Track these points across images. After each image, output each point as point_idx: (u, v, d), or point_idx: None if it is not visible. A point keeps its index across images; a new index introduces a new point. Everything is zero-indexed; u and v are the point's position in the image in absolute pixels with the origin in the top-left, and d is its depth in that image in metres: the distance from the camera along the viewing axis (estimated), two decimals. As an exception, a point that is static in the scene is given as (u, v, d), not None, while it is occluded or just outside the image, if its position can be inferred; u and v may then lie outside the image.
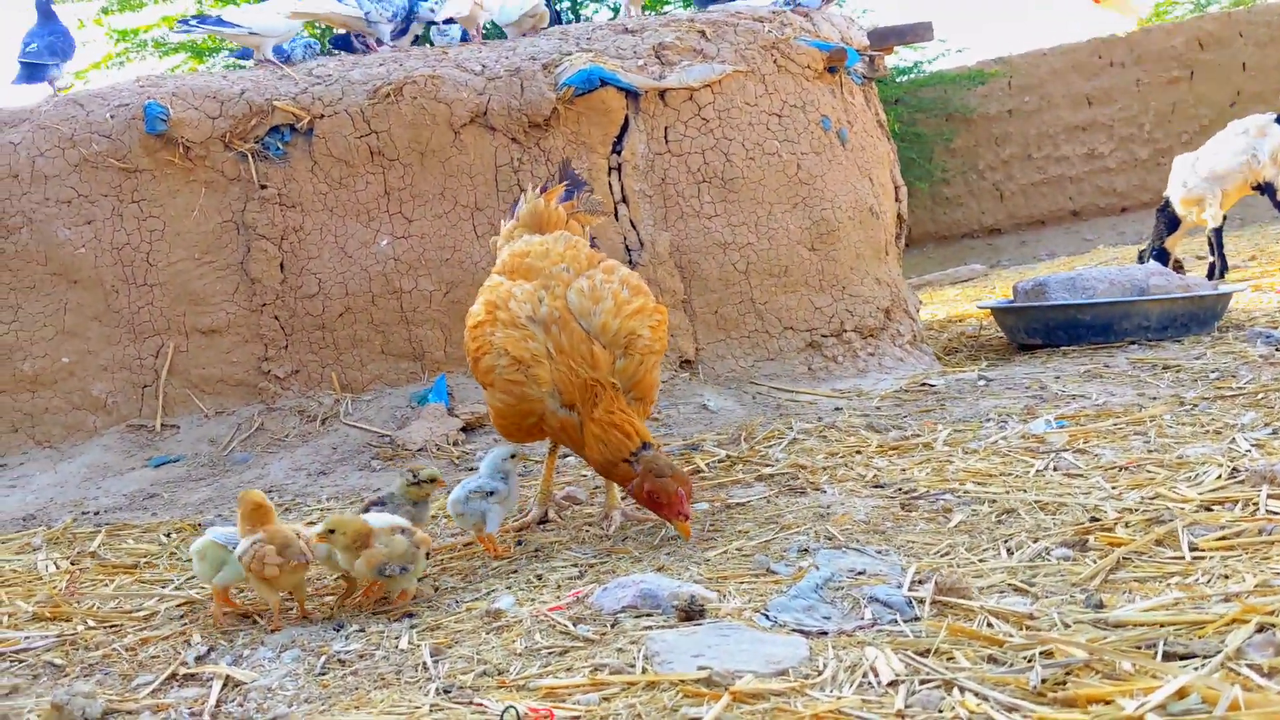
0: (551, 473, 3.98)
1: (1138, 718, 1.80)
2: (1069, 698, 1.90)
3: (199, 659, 2.78)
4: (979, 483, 3.64)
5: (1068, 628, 2.26)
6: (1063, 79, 17.93)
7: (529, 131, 5.90)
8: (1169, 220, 9.68)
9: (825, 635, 2.38)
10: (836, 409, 5.38)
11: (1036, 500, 3.32)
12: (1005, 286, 10.88)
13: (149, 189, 5.75)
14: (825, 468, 4.16)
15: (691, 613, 2.52)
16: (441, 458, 5.11)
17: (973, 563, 2.81)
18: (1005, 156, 18.35)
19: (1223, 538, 2.74)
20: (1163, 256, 9.57)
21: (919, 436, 4.54)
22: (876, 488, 3.77)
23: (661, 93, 6.05)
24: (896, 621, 2.42)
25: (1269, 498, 2.99)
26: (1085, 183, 17.96)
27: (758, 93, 6.21)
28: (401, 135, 5.80)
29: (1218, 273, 9.34)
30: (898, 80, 17.67)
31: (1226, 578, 2.46)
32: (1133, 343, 6.48)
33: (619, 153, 6.01)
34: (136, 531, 4.40)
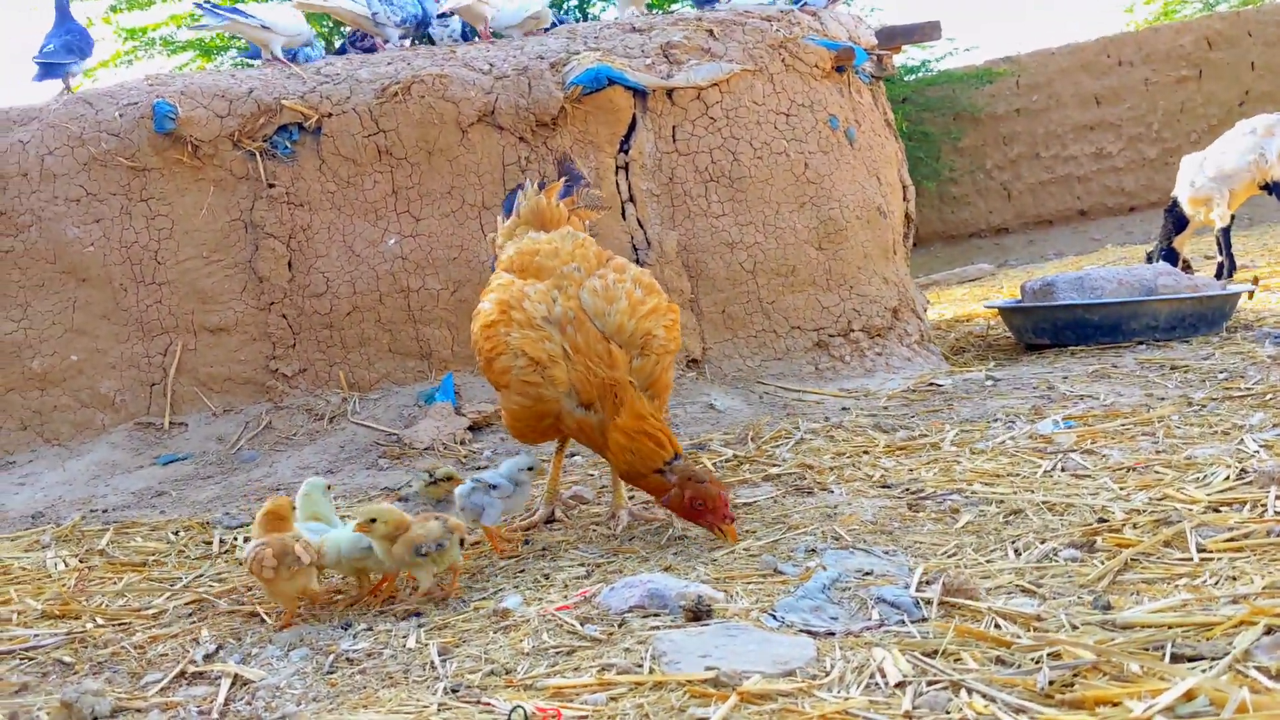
0: (559, 472, 3.98)
1: (1145, 719, 1.80)
2: (1077, 699, 1.90)
3: (207, 657, 2.79)
4: (986, 483, 3.64)
5: (1075, 629, 2.26)
6: (1071, 78, 17.90)
7: (536, 130, 5.91)
8: (1177, 220, 9.66)
9: (832, 636, 2.38)
10: (844, 409, 5.38)
11: (1044, 501, 3.31)
12: (1013, 286, 10.86)
13: (157, 187, 5.76)
14: (832, 468, 4.16)
15: (699, 613, 2.52)
16: (449, 456, 5.11)
17: (980, 563, 2.81)
18: (1013, 156, 18.32)
19: (1231, 539, 2.73)
20: (1171, 256, 9.56)
21: (926, 437, 4.54)
22: (884, 488, 3.77)
23: (669, 92, 6.05)
24: (904, 622, 2.42)
25: (1277, 499, 2.98)
26: (1093, 182, 17.93)
27: (765, 92, 6.21)
28: (409, 134, 5.81)
29: (1226, 272, 9.32)
30: (905, 79, 17.68)
31: (1235, 579, 2.46)
32: (1141, 343, 6.47)
33: (626, 152, 6.01)
34: (145, 529, 4.41)
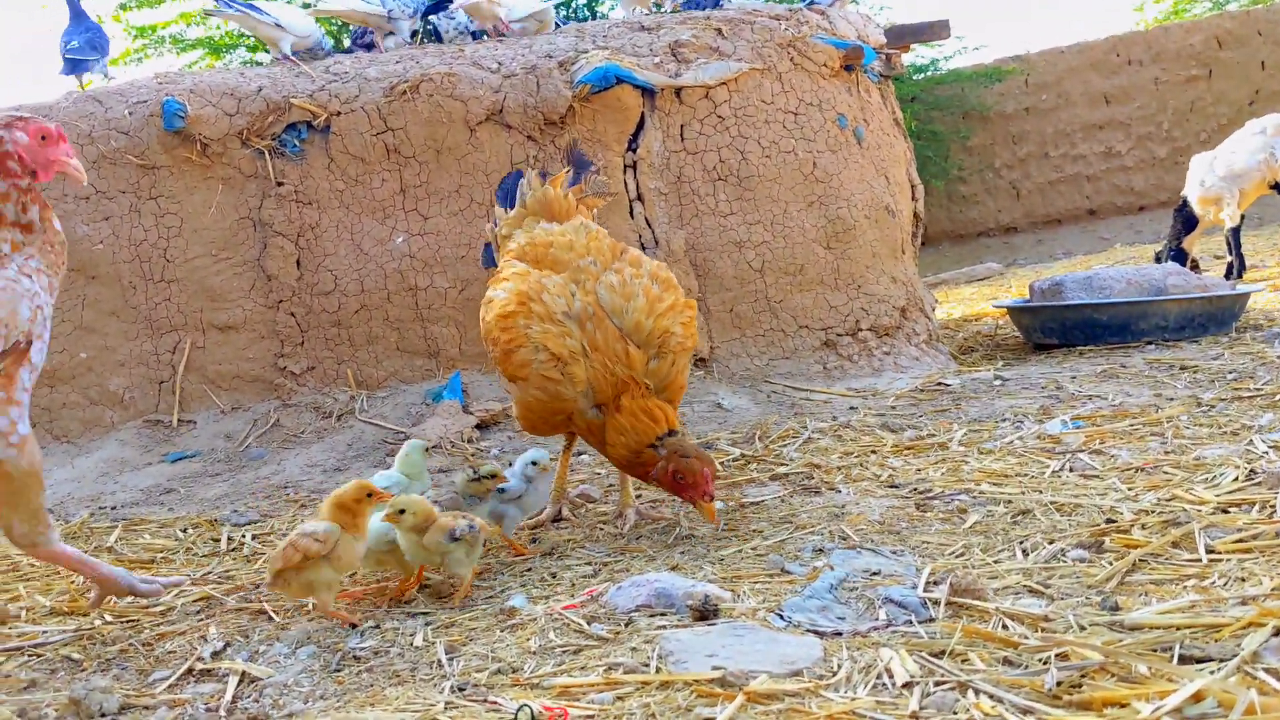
0: (566, 470, 3.98)
1: (1153, 721, 1.79)
2: (1084, 700, 1.90)
3: (215, 654, 2.79)
4: (994, 483, 3.63)
5: (1083, 630, 2.25)
6: (1080, 77, 17.85)
7: (545, 129, 5.91)
8: (1186, 220, 9.63)
9: (840, 636, 2.38)
10: (851, 408, 5.37)
11: (1052, 501, 3.31)
12: (1021, 285, 10.85)
13: (166, 185, 5.77)
14: (840, 467, 4.16)
15: (706, 612, 2.52)
16: (456, 455, 5.12)
17: (988, 564, 2.81)
18: (1022, 155, 18.28)
19: (1240, 540, 2.72)
20: (1180, 256, 9.53)
21: (934, 436, 4.53)
22: (891, 488, 3.76)
23: (677, 90, 6.05)
24: (911, 622, 2.42)
25: (1287, 500, 2.98)
26: (1102, 181, 17.88)
27: (774, 91, 6.20)
28: (418, 133, 5.81)
29: (1236, 272, 9.29)
30: (914, 78, 17.63)
31: (1243, 580, 2.45)
32: (1150, 343, 6.46)
33: (634, 150, 6.00)
34: (153, 526, 4.42)
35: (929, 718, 1.93)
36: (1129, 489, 3.36)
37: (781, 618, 2.51)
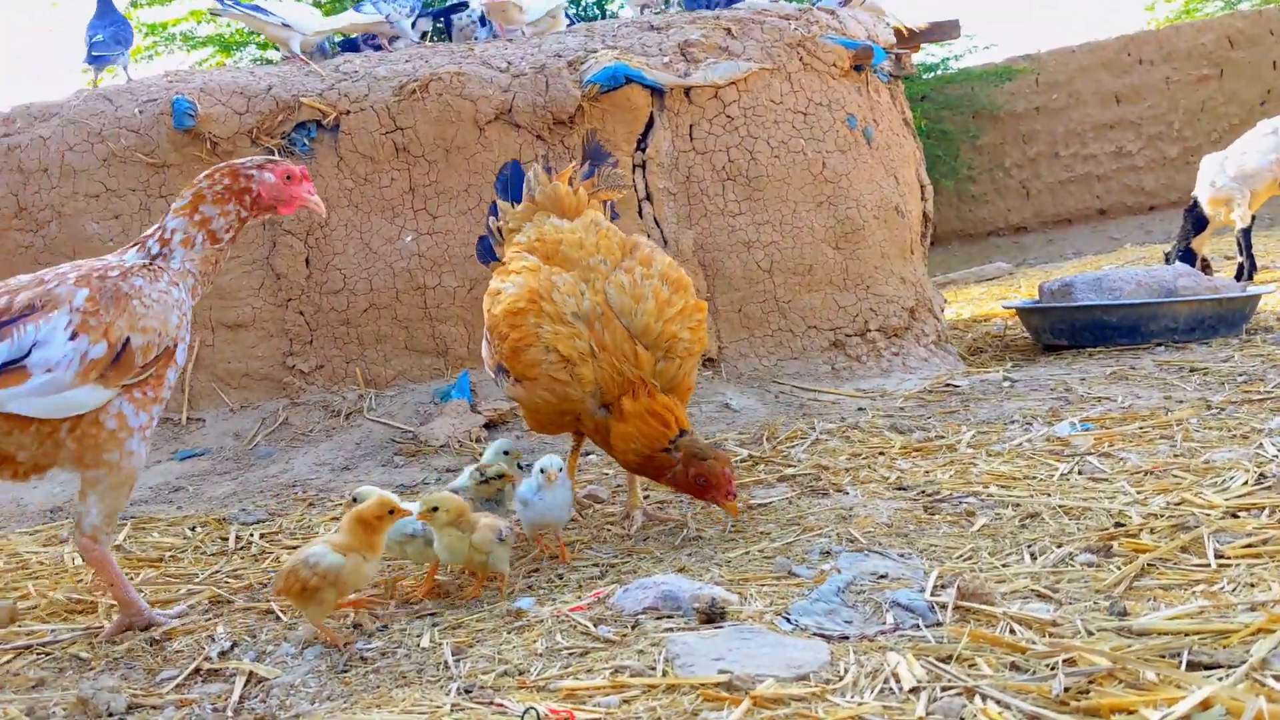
0: (574, 471, 3.98)
1: (1161, 728, 1.79)
2: (1092, 707, 1.89)
3: (222, 654, 2.80)
4: (1003, 486, 3.62)
5: (1091, 635, 2.24)
6: (1091, 76, 17.80)
7: (553, 129, 5.90)
8: (1197, 220, 9.60)
9: (846, 640, 2.37)
10: (860, 409, 5.36)
11: (1060, 504, 3.30)
12: (1031, 285, 10.82)
13: (176, 184, 5.78)
14: (848, 469, 4.15)
15: (712, 615, 2.52)
16: (464, 454, 5.12)
17: (996, 567, 2.80)
18: (1032, 154, 18.24)
19: (1249, 545, 2.71)
20: (1189, 257, 9.50)
21: (943, 438, 4.52)
22: (899, 490, 3.75)
23: (686, 90, 6.04)
24: (918, 626, 2.41)
25: (1297, 505, 2.96)
26: (1113, 181, 17.84)
27: (783, 90, 6.19)
28: (427, 132, 5.82)
29: (1246, 273, 9.26)
30: (924, 77, 17.61)
31: (1253, 586, 2.44)
32: (1159, 344, 6.44)
33: (644, 150, 6.00)
34: (162, 525, 4.43)
35: (936, 723, 1.93)
36: (1138, 492, 3.35)
37: (788, 621, 2.51)
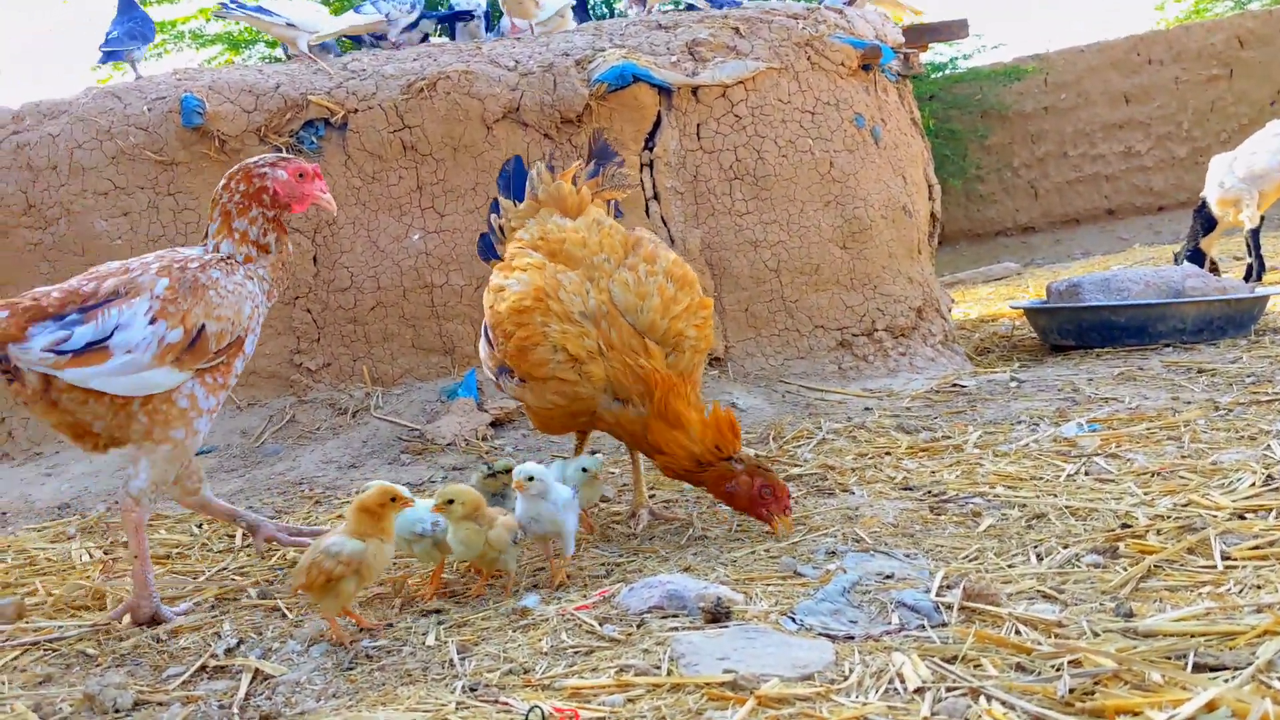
0: (579, 470, 3.97)
1: (1166, 730, 1.78)
2: (1097, 708, 1.89)
3: (229, 651, 2.81)
4: (1009, 486, 3.62)
5: (1097, 636, 2.24)
6: (1100, 76, 17.75)
7: (561, 127, 5.91)
8: (1205, 221, 9.56)
9: (852, 640, 2.37)
10: (866, 409, 5.36)
11: (1067, 505, 3.29)
12: (1039, 285, 10.79)
13: (184, 181, 5.80)
14: (854, 469, 4.15)
15: (717, 614, 2.52)
16: (470, 453, 5.13)
17: (1002, 568, 2.80)
18: (1040, 154, 18.18)
19: (1256, 547, 2.70)
20: (1198, 257, 9.46)
21: (949, 438, 4.52)
22: (906, 490, 3.75)
23: (694, 89, 6.04)
24: (924, 627, 2.41)
25: (1304, 507, 2.96)
26: (1121, 181, 17.77)
27: (791, 90, 6.19)
28: (434, 130, 5.82)
29: (1255, 274, 9.22)
30: (932, 76, 17.56)
31: (1259, 588, 2.43)
32: (1167, 345, 6.42)
33: (651, 149, 6.00)
34: (169, 522, 4.44)
35: (940, 724, 1.93)
36: (1145, 493, 3.35)
37: (793, 621, 2.51)
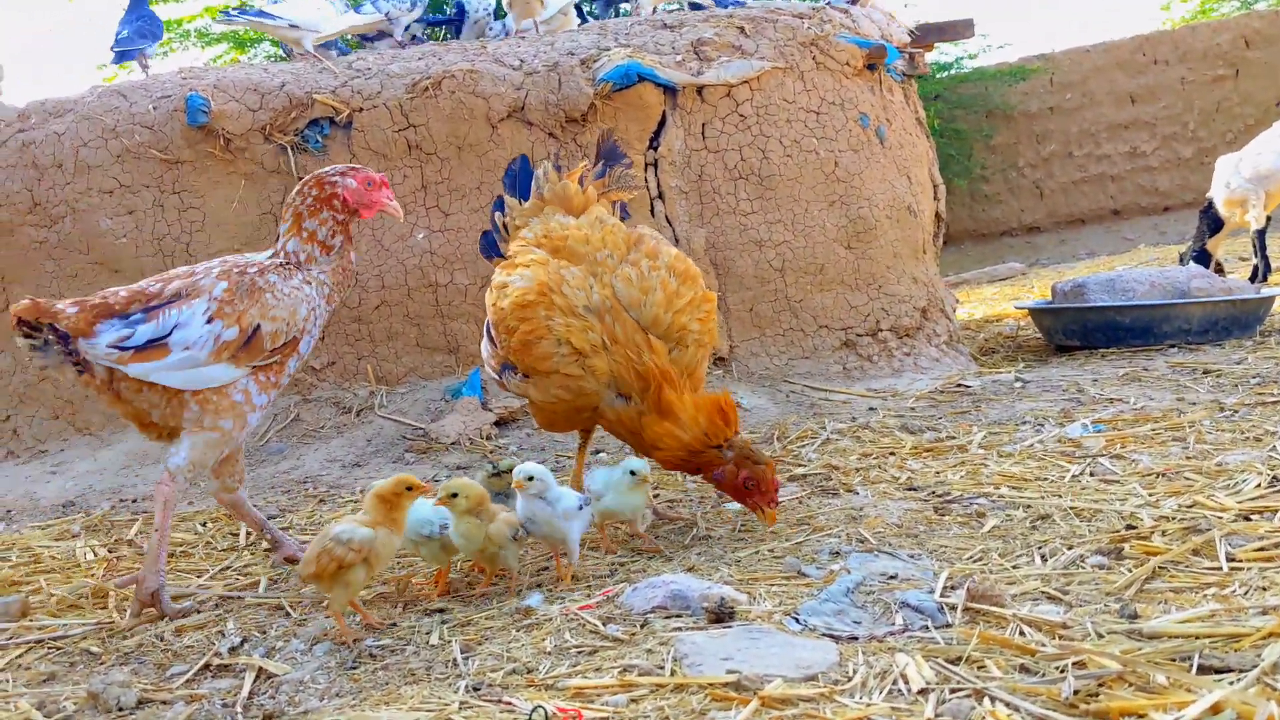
0: (582, 468, 3.97)
1: (1171, 732, 1.78)
2: (1101, 710, 1.89)
3: (232, 650, 2.81)
4: (1014, 487, 3.61)
5: (1101, 638, 2.24)
6: (1106, 76, 17.71)
7: (566, 126, 5.90)
8: (1212, 221, 9.55)
9: (855, 640, 2.37)
10: (871, 409, 5.35)
11: (1072, 506, 3.28)
12: (1044, 285, 10.78)
13: (190, 180, 5.80)
14: (858, 469, 4.14)
15: (721, 615, 2.52)
16: (475, 452, 5.13)
17: (1006, 569, 2.79)
18: (1046, 154, 18.16)
19: (1261, 548, 2.70)
20: (1204, 258, 9.44)
21: (954, 439, 4.51)
22: (910, 490, 3.75)
23: (699, 89, 6.03)
24: (928, 628, 2.40)
25: (1310, 508, 2.95)
26: (1127, 181, 17.74)
27: (796, 90, 6.18)
28: (439, 129, 5.82)
29: (1261, 275, 9.21)
30: (937, 76, 17.54)
31: (1265, 589, 2.43)
32: (1173, 346, 6.41)
33: (656, 149, 6.00)
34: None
35: (944, 725, 1.92)
36: (1149, 494, 3.34)
37: (797, 621, 2.50)
